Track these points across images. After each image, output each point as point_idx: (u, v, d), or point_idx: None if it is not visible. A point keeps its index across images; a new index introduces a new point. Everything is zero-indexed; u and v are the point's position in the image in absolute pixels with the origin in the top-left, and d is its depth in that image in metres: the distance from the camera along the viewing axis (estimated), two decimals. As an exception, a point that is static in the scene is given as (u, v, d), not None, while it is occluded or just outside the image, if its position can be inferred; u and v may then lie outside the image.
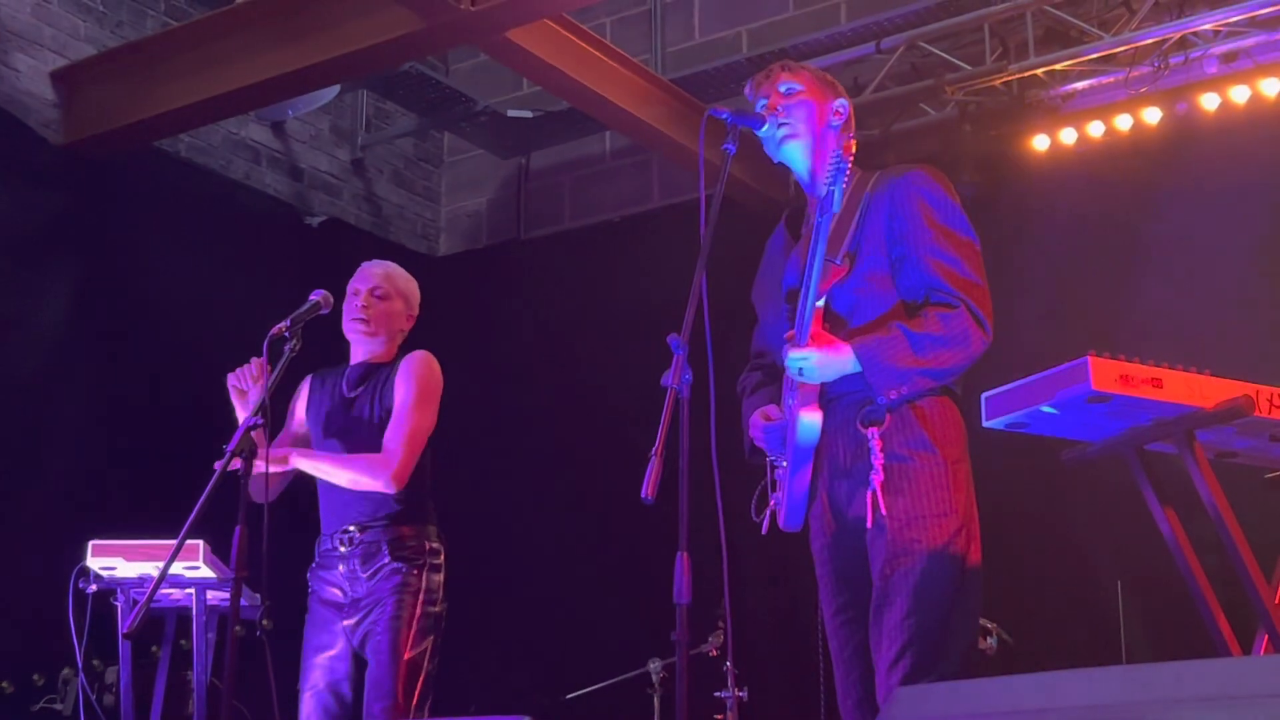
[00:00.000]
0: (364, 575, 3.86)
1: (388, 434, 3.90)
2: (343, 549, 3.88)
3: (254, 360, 3.86)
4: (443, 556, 3.97)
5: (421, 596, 3.85)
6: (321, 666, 3.89)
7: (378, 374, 4.04)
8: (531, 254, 8.02)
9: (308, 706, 3.88)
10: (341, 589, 3.90)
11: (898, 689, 2.43)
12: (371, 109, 7.94)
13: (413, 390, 3.95)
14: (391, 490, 3.87)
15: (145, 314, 6.41)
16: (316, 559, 4.01)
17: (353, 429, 3.98)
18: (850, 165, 3.00)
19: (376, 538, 3.87)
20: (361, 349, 4.10)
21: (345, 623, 3.87)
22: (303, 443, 4.09)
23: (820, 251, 3.02)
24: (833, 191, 2.96)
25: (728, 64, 7.00)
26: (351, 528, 3.89)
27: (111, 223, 6.36)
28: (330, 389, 4.08)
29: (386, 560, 3.85)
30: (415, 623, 3.81)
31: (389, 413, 3.94)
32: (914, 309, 3.12)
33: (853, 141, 3.02)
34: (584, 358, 7.43)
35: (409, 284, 4.18)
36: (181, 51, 6.16)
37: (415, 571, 3.86)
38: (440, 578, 3.94)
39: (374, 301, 4.05)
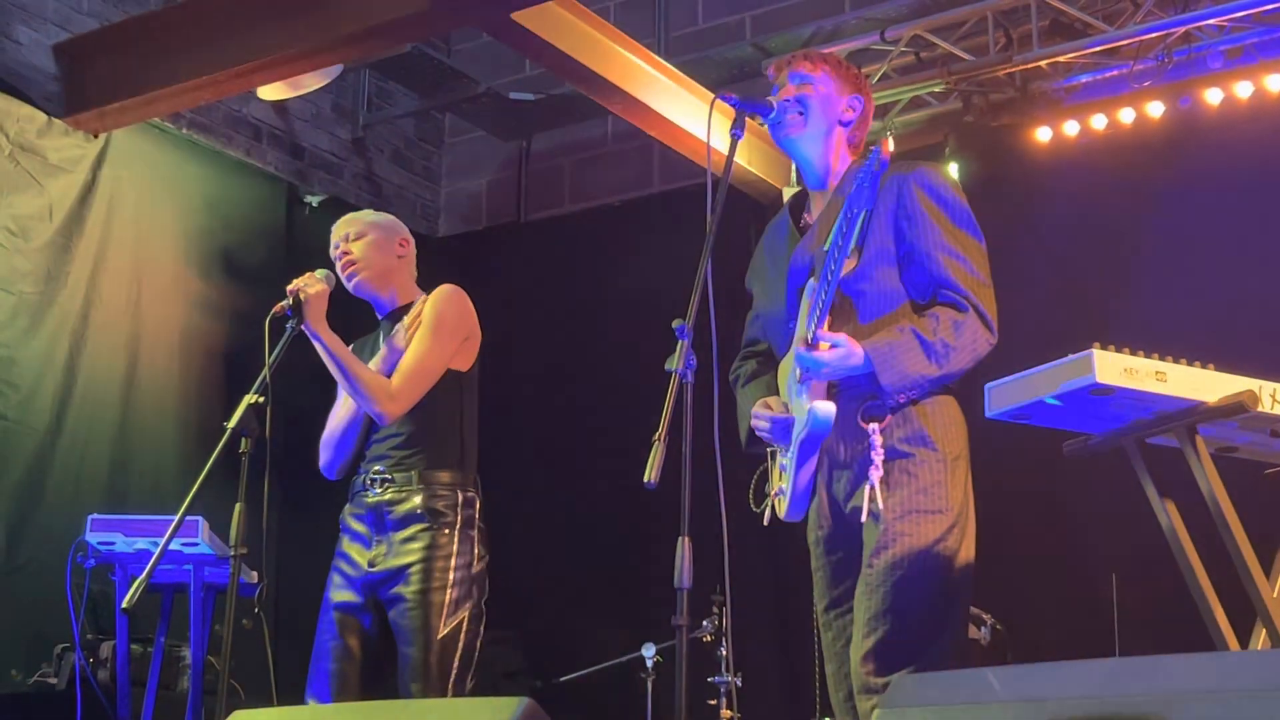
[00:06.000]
0: (390, 525, 3.72)
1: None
2: (376, 489, 3.77)
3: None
4: (478, 506, 3.80)
5: (454, 561, 3.69)
6: (340, 615, 3.76)
7: (405, 315, 3.96)
8: (531, 236, 8.02)
9: (323, 654, 3.75)
10: (369, 533, 3.76)
11: (900, 677, 2.44)
12: (373, 88, 7.93)
13: (429, 321, 3.84)
14: (382, 419, 3.74)
15: (144, 290, 6.41)
16: (349, 499, 3.87)
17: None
18: (889, 164, 2.97)
19: (406, 480, 3.74)
20: (376, 297, 4.02)
21: (367, 575, 3.73)
22: (352, 411, 3.95)
23: (846, 246, 2.99)
24: (864, 188, 2.95)
25: (731, 50, 6.98)
26: (382, 468, 3.78)
27: (111, 198, 6.34)
28: (370, 349, 4.00)
29: (415, 510, 3.71)
30: (449, 591, 3.65)
31: None
32: (921, 307, 3.12)
33: (888, 141, 3.00)
34: (582, 341, 7.43)
35: (379, 216, 4.05)
36: (184, 27, 6.13)
37: (445, 531, 3.70)
38: (475, 533, 3.77)
39: (351, 246, 3.97)
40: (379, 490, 3.76)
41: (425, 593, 3.66)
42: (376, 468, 3.79)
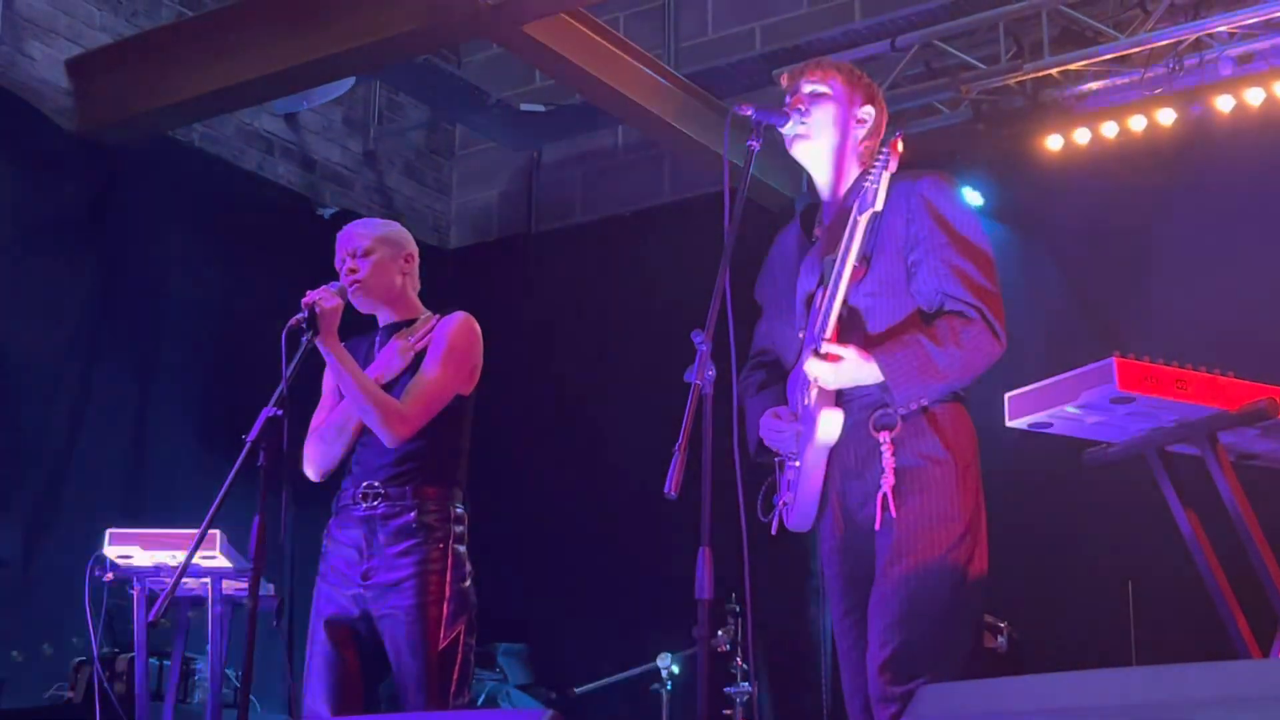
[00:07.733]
0: (383, 539, 3.70)
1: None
2: (364, 504, 3.76)
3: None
4: (466, 523, 3.81)
5: (448, 575, 3.69)
6: (331, 628, 3.73)
7: (405, 328, 3.97)
8: (542, 248, 8.02)
9: (317, 668, 3.71)
10: (359, 549, 3.74)
11: (923, 688, 2.43)
12: (384, 101, 7.95)
13: (441, 347, 3.84)
14: (389, 440, 3.73)
15: (156, 304, 6.43)
16: (334, 513, 3.86)
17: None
18: (896, 163, 2.98)
19: (400, 495, 3.73)
20: (379, 311, 4.03)
21: (359, 588, 3.71)
22: (339, 412, 3.93)
23: (855, 251, 3.00)
24: (874, 188, 2.95)
25: (741, 60, 6.99)
26: (375, 483, 3.76)
27: (124, 211, 6.36)
28: (362, 354, 4.01)
29: (409, 524, 3.70)
30: (445, 605, 3.65)
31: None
32: (929, 316, 3.12)
33: (899, 140, 3.00)
34: (595, 351, 7.43)
35: (387, 228, 4.04)
36: (196, 42, 6.17)
37: (439, 546, 3.70)
38: (465, 548, 3.78)
39: (359, 262, 3.98)
40: (371, 504, 3.76)
41: (423, 607, 3.66)
42: (369, 482, 3.80)
